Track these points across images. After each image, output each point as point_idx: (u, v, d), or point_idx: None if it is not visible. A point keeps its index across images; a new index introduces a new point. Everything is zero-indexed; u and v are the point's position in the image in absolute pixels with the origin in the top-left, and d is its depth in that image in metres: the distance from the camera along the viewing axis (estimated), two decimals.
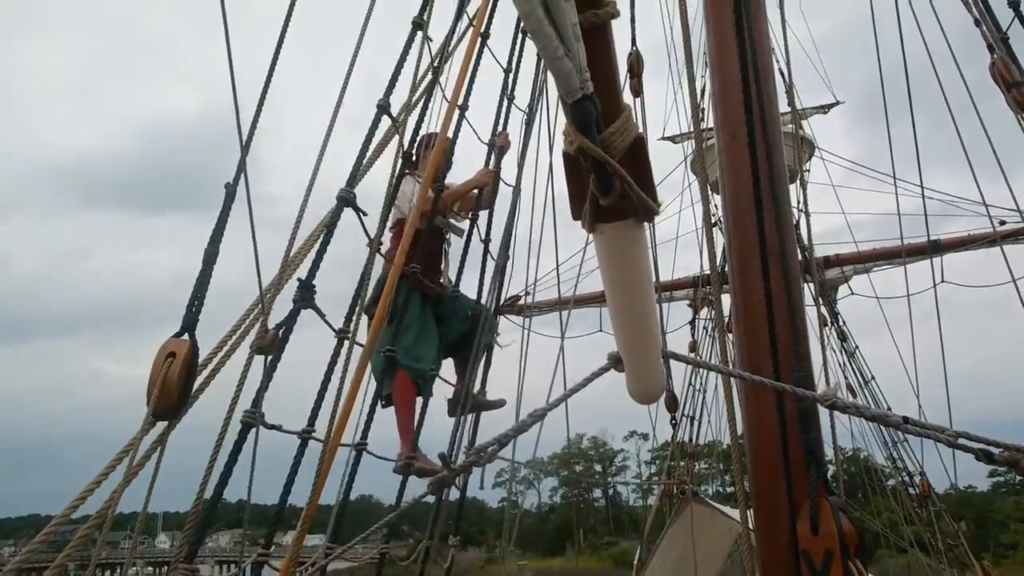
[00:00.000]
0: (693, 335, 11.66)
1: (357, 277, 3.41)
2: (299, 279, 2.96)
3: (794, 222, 11.95)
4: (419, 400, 4.33)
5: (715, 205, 9.90)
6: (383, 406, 4.09)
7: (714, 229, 6.45)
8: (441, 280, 4.77)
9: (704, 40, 5.37)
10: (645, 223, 1.35)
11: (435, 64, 3.75)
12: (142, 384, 2.38)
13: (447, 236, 4.84)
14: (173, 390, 2.32)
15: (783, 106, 12.79)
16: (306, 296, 2.95)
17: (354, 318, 3.30)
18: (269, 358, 2.79)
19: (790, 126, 12.46)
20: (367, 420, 3.60)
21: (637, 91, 5.43)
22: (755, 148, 4.89)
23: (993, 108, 4.71)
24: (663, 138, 12.84)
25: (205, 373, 2.58)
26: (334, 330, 3.19)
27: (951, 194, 10.13)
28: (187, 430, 2.61)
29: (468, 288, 4.72)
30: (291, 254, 2.92)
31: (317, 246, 3.06)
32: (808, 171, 12.18)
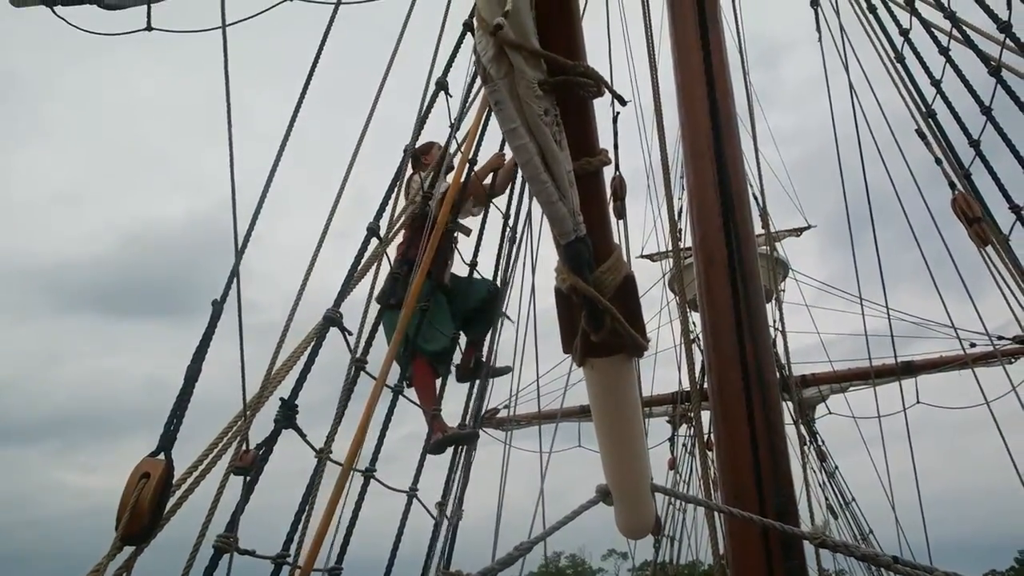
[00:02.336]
0: (672, 452, 11.53)
1: (337, 386, 3.37)
2: (281, 398, 2.92)
3: (772, 340, 12.13)
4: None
5: (693, 323, 10.03)
6: (408, 386, 4.26)
7: (693, 346, 6.51)
8: (445, 276, 4.88)
9: (682, 163, 5.60)
10: (634, 358, 1.37)
11: (425, 187, 3.86)
12: (103, 497, 2.31)
13: (455, 235, 4.94)
14: (144, 514, 2.24)
15: (757, 228, 13.23)
16: (288, 416, 2.90)
17: (335, 435, 3.24)
18: (247, 479, 2.71)
19: (764, 248, 12.84)
20: (343, 543, 3.47)
21: (620, 214, 5.59)
22: (734, 271, 5.02)
23: (960, 231, 4.90)
24: (641, 256, 13.10)
25: (179, 493, 2.50)
26: (315, 450, 3.12)
27: (921, 316, 10.35)
28: (157, 547, 2.51)
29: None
30: (274, 370, 2.90)
31: (301, 364, 3.04)
32: (783, 291, 12.43)
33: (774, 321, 12.27)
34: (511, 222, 5.35)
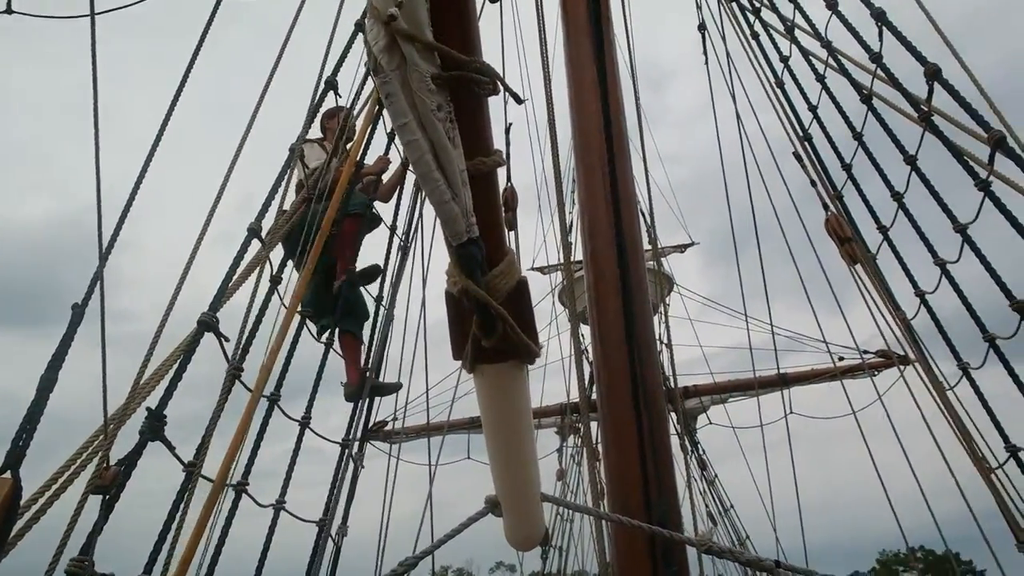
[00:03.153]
0: (561, 463, 11.65)
1: (210, 400, 3.18)
2: (148, 408, 2.72)
3: (657, 354, 12.48)
4: None
5: (582, 335, 10.18)
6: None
7: (583, 358, 6.60)
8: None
9: (573, 178, 5.68)
10: (526, 365, 1.34)
11: (311, 193, 3.73)
12: None
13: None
14: None
15: (645, 244, 13.59)
16: (155, 428, 2.71)
17: (206, 450, 3.06)
18: (106, 498, 2.51)
19: (651, 263, 13.24)
20: (211, 563, 3.27)
21: (511, 225, 5.60)
22: (625, 285, 5.11)
23: (833, 249, 5.19)
24: (532, 268, 13.23)
25: (28, 515, 2.28)
26: (183, 464, 2.93)
27: (797, 331, 10.91)
28: (5, 574, 2.28)
29: None
30: (143, 380, 2.70)
31: (172, 372, 2.85)
32: (668, 305, 12.83)
33: (660, 334, 12.66)
34: (400, 230, 5.31)
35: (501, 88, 1.24)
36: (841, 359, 9.92)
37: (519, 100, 1.20)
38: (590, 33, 5.29)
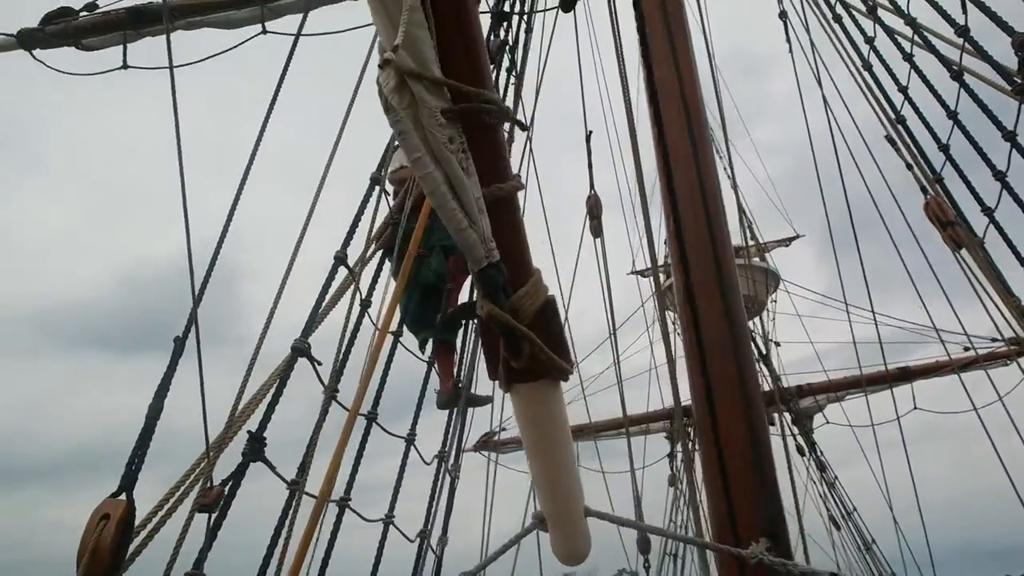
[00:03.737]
0: (672, 468, 11.45)
1: (311, 423, 3.35)
2: (249, 431, 2.90)
3: (765, 353, 12.08)
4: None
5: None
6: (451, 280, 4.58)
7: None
8: None
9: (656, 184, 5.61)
10: (561, 382, 1.36)
11: (395, 217, 3.87)
12: None
13: None
14: (105, 557, 2.21)
15: (741, 240, 13.16)
16: (256, 449, 2.89)
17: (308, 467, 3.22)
18: (213, 516, 2.69)
19: (756, 259, 12.84)
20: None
21: (597, 232, 5.60)
22: (723, 288, 5.02)
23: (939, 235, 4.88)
24: (632, 272, 13.10)
25: (143, 535, 2.48)
26: (286, 482, 3.10)
27: (909, 322, 10.31)
28: None
29: None
30: (241, 404, 2.88)
31: (269, 397, 3.02)
32: (775, 302, 12.41)
33: (766, 332, 12.25)
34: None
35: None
36: (966, 349, 9.29)
37: (523, 127, 1.24)
38: (665, 31, 5.23)
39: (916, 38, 4.19)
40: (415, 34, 1.15)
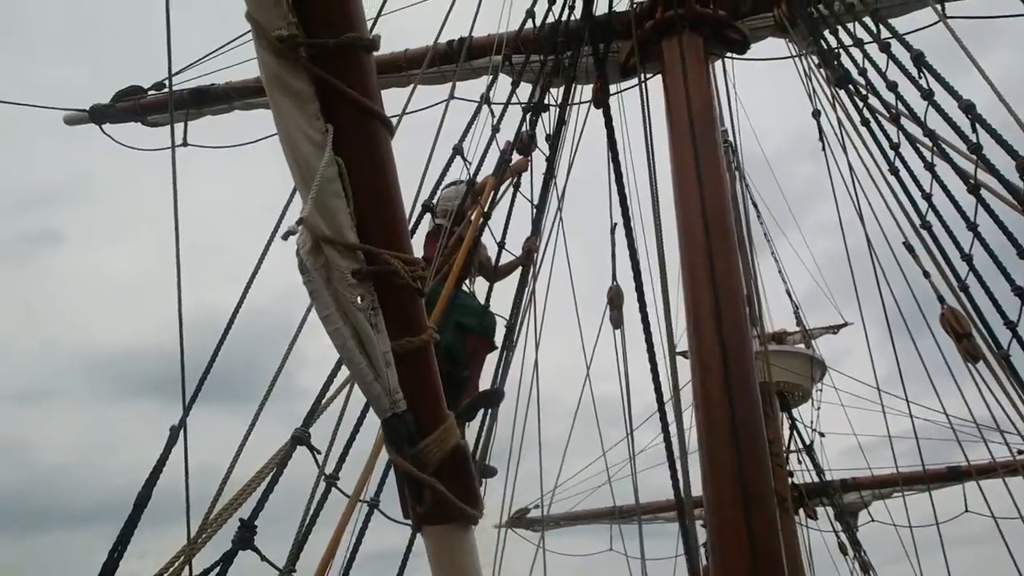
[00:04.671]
0: (705, 558, 11.09)
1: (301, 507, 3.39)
2: (241, 519, 2.97)
3: (809, 443, 11.72)
4: None
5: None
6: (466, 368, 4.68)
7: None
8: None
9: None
10: (471, 527, 1.40)
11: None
12: None
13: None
14: None
15: (792, 326, 12.90)
16: (246, 538, 2.95)
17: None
18: None
19: (800, 346, 12.58)
20: None
21: (617, 323, 5.64)
22: (728, 380, 4.98)
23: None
24: (678, 353, 12.91)
25: None
26: (278, 570, 3.15)
27: (959, 417, 9.88)
28: None
29: None
30: (235, 492, 2.95)
31: (265, 484, 3.09)
32: (820, 391, 12.08)
33: (812, 423, 11.91)
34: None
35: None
36: (1020, 453, 8.87)
37: (421, 294, 1.31)
38: (690, 132, 5.33)
39: (936, 149, 4.18)
40: (329, 203, 1.25)
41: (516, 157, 5.48)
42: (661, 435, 5.24)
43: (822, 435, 11.78)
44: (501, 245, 5.49)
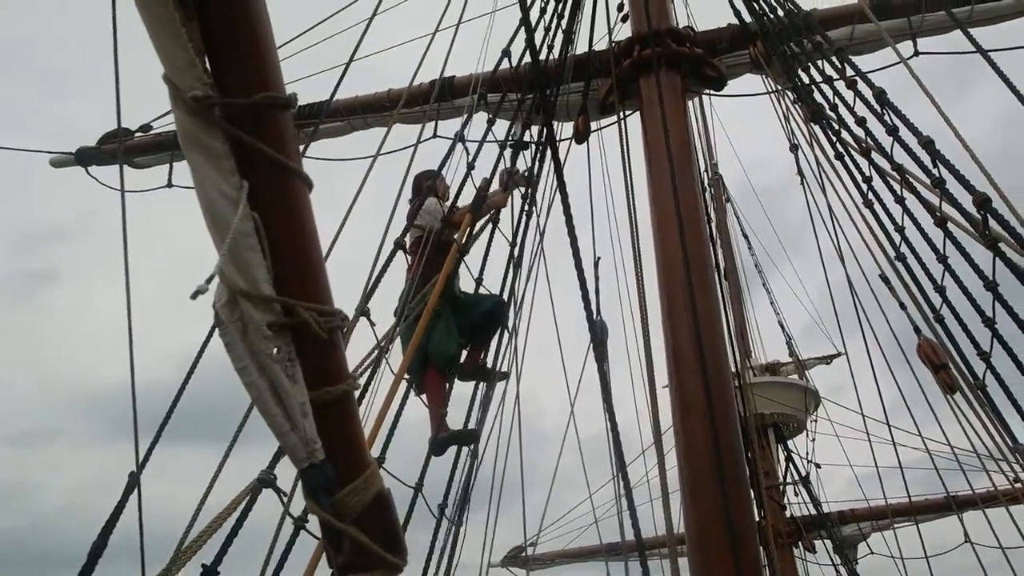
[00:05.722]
0: None
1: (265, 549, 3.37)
2: (204, 564, 2.96)
3: (804, 475, 11.63)
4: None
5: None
6: (418, 394, 4.95)
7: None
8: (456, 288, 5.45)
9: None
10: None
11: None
12: None
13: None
14: None
15: (785, 356, 12.87)
16: None
17: None
18: None
19: (794, 376, 12.56)
20: None
21: (603, 358, 5.63)
22: (712, 414, 4.97)
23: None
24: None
25: None
26: None
27: (960, 447, 9.82)
28: None
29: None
30: (195, 533, 2.93)
31: (230, 527, 3.08)
32: (815, 421, 12.02)
33: (807, 454, 11.83)
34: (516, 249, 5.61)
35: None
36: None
37: (336, 344, 1.34)
38: (669, 167, 5.39)
39: (904, 182, 4.23)
40: (244, 257, 1.27)
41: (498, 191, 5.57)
42: (647, 474, 5.23)
43: (818, 466, 11.71)
44: (479, 282, 5.54)
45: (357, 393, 3.52)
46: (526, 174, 5.83)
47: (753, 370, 11.89)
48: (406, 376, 4.29)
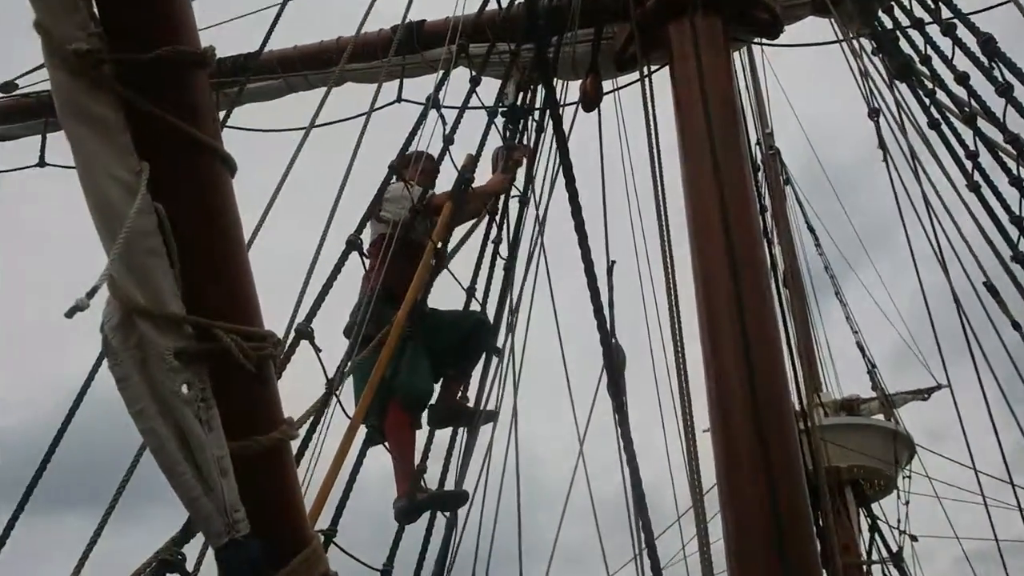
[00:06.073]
0: None
1: None
2: None
3: (897, 549, 11.64)
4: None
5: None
6: (378, 441, 4.76)
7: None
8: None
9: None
10: None
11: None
12: None
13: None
14: None
15: (866, 391, 12.91)
16: None
17: None
18: None
19: (879, 417, 12.56)
20: None
21: (619, 392, 5.65)
22: (769, 469, 5.01)
23: None
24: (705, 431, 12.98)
25: None
26: None
27: None
28: None
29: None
30: None
31: None
32: (909, 478, 12.03)
33: (899, 522, 11.84)
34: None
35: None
36: None
37: (266, 379, 1.34)
38: (708, 141, 5.39)
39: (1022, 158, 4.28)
40: (144, 262, 1.27)
41: (487, 175, 5.61)
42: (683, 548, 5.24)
43: (914, 539, 11.72)
44: (470, 294, 5.54)
45: (297, 444, 3.58)
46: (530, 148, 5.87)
47: (824, 408, 11.91)
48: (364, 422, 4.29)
